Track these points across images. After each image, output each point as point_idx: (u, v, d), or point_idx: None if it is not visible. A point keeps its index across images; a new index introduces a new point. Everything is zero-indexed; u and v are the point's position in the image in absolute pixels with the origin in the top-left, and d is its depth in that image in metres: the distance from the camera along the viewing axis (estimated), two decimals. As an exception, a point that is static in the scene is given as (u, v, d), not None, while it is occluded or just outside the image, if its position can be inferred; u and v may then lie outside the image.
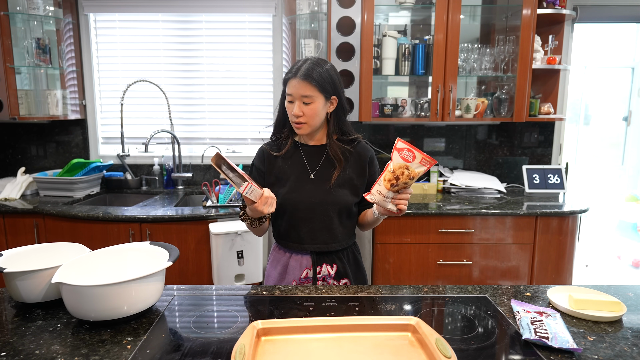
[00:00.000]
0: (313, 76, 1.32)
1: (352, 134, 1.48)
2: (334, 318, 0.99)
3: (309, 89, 1.32)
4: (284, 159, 1.45)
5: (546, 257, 2.36)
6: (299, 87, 1.32)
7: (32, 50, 2.59)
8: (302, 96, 1.33)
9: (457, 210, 2.32)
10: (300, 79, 1.32)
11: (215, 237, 2.15)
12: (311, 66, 1.34)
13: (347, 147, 1.45)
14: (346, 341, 0.94)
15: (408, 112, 2.68)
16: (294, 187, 1.42)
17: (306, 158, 1.46)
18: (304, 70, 1.32)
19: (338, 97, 1.40)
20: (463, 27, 2.51)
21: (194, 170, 2.99)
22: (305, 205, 1.41)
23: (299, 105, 1.34)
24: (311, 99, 1.33)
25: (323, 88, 1.34)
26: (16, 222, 2.34)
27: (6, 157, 3.00)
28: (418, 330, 0.94)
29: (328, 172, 1.43)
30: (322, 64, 1.37)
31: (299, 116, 1.35)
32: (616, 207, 3.95)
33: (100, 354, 0.92)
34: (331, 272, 1.44)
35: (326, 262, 1.43)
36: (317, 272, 1.43)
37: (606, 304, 1.10)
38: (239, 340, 0.87)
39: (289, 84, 1.36)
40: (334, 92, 1.38)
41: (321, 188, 1.42)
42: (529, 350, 0.93)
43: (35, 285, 1.11)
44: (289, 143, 1.46)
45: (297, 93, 1.33)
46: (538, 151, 2.96)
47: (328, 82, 1.35)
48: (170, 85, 2.94)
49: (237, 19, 2.88)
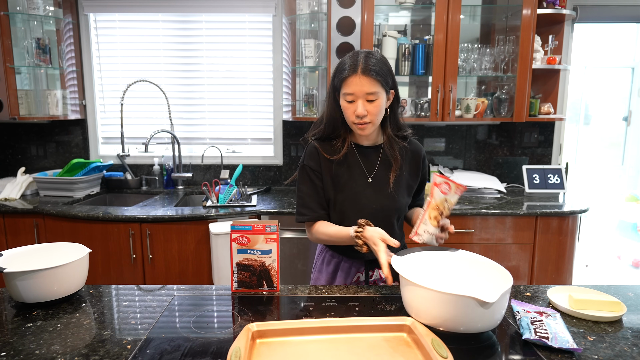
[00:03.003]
0: (375, 70, 1.22)
1: (406, 130, 1.38)
2: (329, 319, 0.98)
3: (373, 85, 1.22)
4: (338, 163, 1.35)
5: (546, 257, 2.36)
6: (362, 84, 1.21)
7: (32, 50, 2.59)
8: (367, 94, 1.22)
9: (457, 210, 2.32)
10: (362, 75, 1.21)
11: (215, 237, 2.15)
12: (369, 59, 1.23)
13: (403, 144, 1.37)
14: (342, 342, 0.93)
15: (408, 112, 2.68)
16: (353, 193, 1.34)
17: (362, 161, 1.36)
18: (364, 65, 1.21)
19: (395, 90, 1.31)
20: (463, 27, 2.51)
21: (194, 170, 2.98)
22: (366, 212, 1.32)
23: (363, 104, 1.23)
24: (375, 95, 1.23)
25: (385, 81, 1.24)
26: (16, 222, 2.34)
27: (6, 157, 3.00)
28: (414, 331, 0.94)
29: (386, 175, 1.35)
30: (376, 54, 1.27)
31: (364, 116, 1.24)
32: (616, 207, 3.95)
33: (100, 354, 0.92)
34: (383, 276, 1.40)
35: (378, 267, 1.34)
36: (370, 275, 1.39)
37: (606, 304, 1.10)
38: (234, 343, 0.87)
39: (348, 82, 1.23)
40: (393, 84, 1.29)
41: (381, 193, 1.34)
42: (529, 350, 0.93)
43: (35, 285, 1.11)
44: (345, 146, 1.34)
45: (361, 91, 1.22)
46: (538, 151, 2.96)
47: (388, 74, 1.26)
48: (170, 85, 2.94)
49: (237, 19, 2.88)
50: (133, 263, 2.27)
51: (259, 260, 1.20)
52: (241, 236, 1.19)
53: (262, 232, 1.19)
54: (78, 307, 1.14)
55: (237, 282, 1.22)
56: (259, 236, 1.19)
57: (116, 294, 1.23)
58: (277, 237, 1.19)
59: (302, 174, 1.38)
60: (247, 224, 1.19)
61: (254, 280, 1.22)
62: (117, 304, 1.17)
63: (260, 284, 1.22)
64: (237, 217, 2.32)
